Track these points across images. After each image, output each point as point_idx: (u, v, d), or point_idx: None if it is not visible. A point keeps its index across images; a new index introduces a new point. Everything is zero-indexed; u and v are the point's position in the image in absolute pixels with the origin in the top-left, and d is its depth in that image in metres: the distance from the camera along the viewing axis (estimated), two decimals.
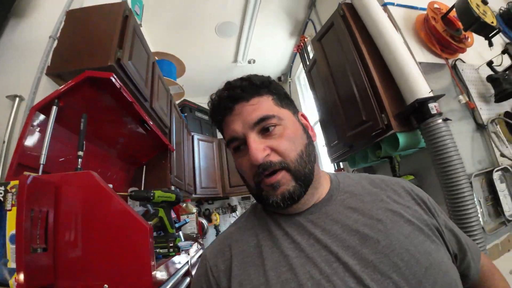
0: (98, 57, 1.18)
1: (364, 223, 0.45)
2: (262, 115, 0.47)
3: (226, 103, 0.50)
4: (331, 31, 1.52)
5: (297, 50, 2.79)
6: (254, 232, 0.51)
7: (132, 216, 0.84)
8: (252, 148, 0.45)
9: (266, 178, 0.46)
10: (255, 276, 0.43)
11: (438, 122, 1.06)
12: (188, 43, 2.56)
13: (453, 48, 1.36)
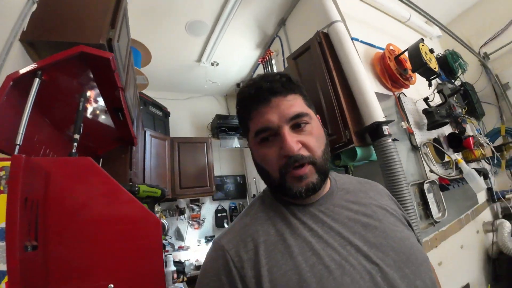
0: (88, 32, 1.11)
1: (363, 213, 0.56)
2: (298, 112, 0.53)
3: (265, 94, 0.53)
4: (307, 53, 1.75)
5: (261, 61, 2.99)
6: (271, 222, 0.54)
7: (143, 208, 0.80)
8: (288, 141, 0.50)
9: (294, 169, 0.51)
10: (283, 262, 0.47)
11: (388, 141, 1.37)
12: (154, 33, 2.46)
13: (400, 83, 1.76)
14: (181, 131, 3.43)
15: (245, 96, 0.56)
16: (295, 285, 0.44)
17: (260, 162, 0.57)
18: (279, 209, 0.56)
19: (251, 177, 3.73)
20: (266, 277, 0.45)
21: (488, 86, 2.89)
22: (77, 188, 0.80)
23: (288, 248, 0.49)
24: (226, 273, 0.48)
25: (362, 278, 0.44)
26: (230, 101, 4.20)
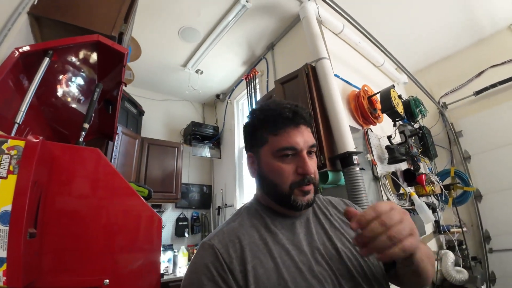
0: (101, 22, 1.17)
1: (330, 227, 0.69)
2: (314, 143, 0.68)
3: (298, 119, 0.66)
4: (294, 80, 1.97)
5: (246, 78, 3.18)
6: (255, 229, 0.64)
7: (146, 205, 0.85)
8: (308, 163, 0.64)
9: (305, 185, 0.64)
10: (265, 261, 0.57)
11: (356, 169, 1.60)
12: (146, 29, 2.50)
13: (369, 120, 2.05)
14: (152, 132, 3.40)
15: (281, 115, 0.66)
16: (274, 281, 0.54)
17: (269, 174, 0.66)
18: (262, 218, 0.67)
19: (217, 189, 3.78)
20: (251, 272, 0.55)
21: (443, 132, 3.40)
22: (83, 177, 0.81)
23: (269, 251, 0.59)
24: (217, 266, 0.55)
25: (326, 282, 0.56)
26: (207, 110, 4.29)
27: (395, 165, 2.19)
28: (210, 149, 3.83)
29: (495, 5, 2.69)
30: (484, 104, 3.11)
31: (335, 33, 2.42)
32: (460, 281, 2.00)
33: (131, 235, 0.85)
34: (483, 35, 3.13)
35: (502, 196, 2.81)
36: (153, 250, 0.86)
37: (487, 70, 3.10)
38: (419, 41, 3.15)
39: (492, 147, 2.97)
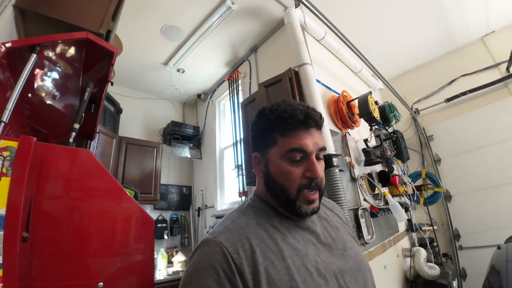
0: (89, 19, 1.18)
1: (331, 229, 0.74)
2: (324, 146, 0.68)
3: (309, 122, 0.66)
4: (278, 84, 2.07)
5: (228, 79, 3.24)
6: (263, 228, 0.64)
7: (139, 208, 0.87)
8: (317, 167, 0.64)
9: (309, 193, 0.65)
10: (277, 262, 0.57)
11: (336, 171, 1.72)
12: (128, 26, 2.49)
13: (348, 124, 2.19)
14: (131, 131, 3.37)
15: (293, 117, 0.65)
16: (286, 282, 0.55)
17: (277, 176, 0.67)
18: (269, 217, 0.67)
19: (197, 190, 3.81)
20: (263, 274, 0.55)
21: (415, 136, 3.70)
22: (75, 179, 0.81)
23: (280, 251, 0.60)
24: (225, 267, 0.54)
25: (332, 280, 0.60)
26: (188, 110, 4.30)
27: (370, 167, 2.36)
28: (190, 149, 3.85)
29: (469, 18, 2.97)
30: (455, 111, 3.42)
31: (317, 40, 2.56)
32: (432, 276, 2.18)
33: (126, 237, 0.86)
34: (456, 46, 3.45)
35: (470, 197, 3.11)
36: (147, 251, 0.88)
37: (459, 78, 3.42)
38: (395, 50, 3.40)
39: (461, 151, 3.27)
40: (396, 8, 2.70)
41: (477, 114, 3.20)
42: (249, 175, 2.25)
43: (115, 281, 0.82)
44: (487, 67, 3.20)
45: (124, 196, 0.91)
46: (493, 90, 3.12)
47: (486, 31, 3.23)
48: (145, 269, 0.90)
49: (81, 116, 0.99)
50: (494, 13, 2.91)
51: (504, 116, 2.99)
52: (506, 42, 2.86)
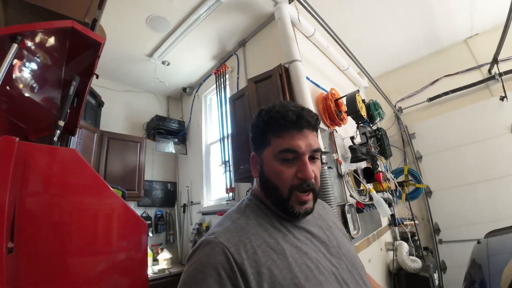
0: (74, 7, 1.13)
1: (325, 228, 0.76)
2: (318, 147, 0.69)
3: (301, 123, 0.67)
4: (268, 80, 2.06)
5: (215, 73, 3.20)
6: (263, 228, 0.65)
7: (131, 211, 0.83)
8: (309, 167, 0.65)
9: (301, 194, 0.66)
10: (280, 261, 0.59)
11: (325, 168, 1.75)
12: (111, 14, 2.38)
13: (335, 122, 2.23)
14: (113, 126, 3.27)
15: (285, 117, 0.67)
16: (289, 280, 0.56)
17: (270, 176, 0.68)
18: (268, 217, 0.69)
19: (182, 186, 3.77)
20: (267, 274, 0.55)
21: (398, 134, 3.84)
22: (61, 182, 0.77)
23: (282, 250, 0.61)
24: (226, 267, 0.54)
25: (331, 277, 0.62)
26: (172, 104, 4.22)
27: (356, 164, 2.42)
28: (175, 144, 3.79)
29: (454, 20, 3.09)
30: (436, 110, 3.57)
31: (306, 36, 2.57)
32: (414, 269, 2.28)
33: (113, 243, 0.84)
34: (440, 47, 3.58)
35: (449, 193, 3.28)
36: (136, 256, 0.86)
37: (441, 79, 3.56)
38: (381, 49, 3.49)
39: (441, 149, 3.42)
40: (383, 8, 2.75)
41: (458, 113, 3.35)
42: (237, 172, 2.23)
43: (102, 281, 0.81)
44: (469, 68, 3.35)
45: (112, 197, 0.88)
46: (475, 91, 3.28)
47: (470, 34, 3.37)
48: (138, 267, 0.87)
49: (66, 112, 0.95)
50: (479, 16, 3.05)
51: (484, 116, 3.16)
52: (489, 44, 3.00)
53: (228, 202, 2.79)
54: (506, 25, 2.34)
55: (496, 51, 2.82)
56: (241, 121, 2.28)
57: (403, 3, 2.70)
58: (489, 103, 3.15)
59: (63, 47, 1.14)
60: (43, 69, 1.24)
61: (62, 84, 1.32)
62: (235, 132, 2.36)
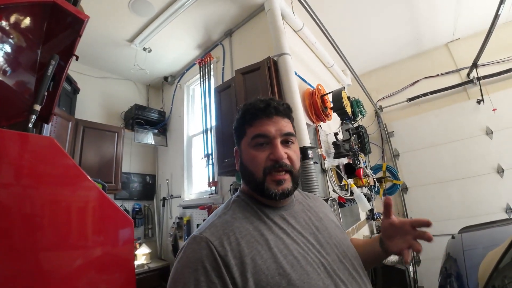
0: None
1: (315, 218, 0.77)
2: (290, 131, 0.73)
3: (271, 110, 0.72)
4: (256, 72, 2.05)
5: (199, 63, 3.13)
6: (248, 221, 0.67)
7: (114, 206, 0.79)
8: (279, 149, 0.69)
9: (276, 173, 0.68)
10: (264, 252, 0.60)
11: (311, 163, 1.78)
12: None
13: (321, 117, 2.27)
14: (88, 114, 3.11)
15: (254, 107, 0.73)
16: (274, 270, 0.58)
17: (246, 163, 0.72)
18: (254, 210, 0.71)
19: (162, 179, 3.69)
20: (250, 264, 0.57)
21: (377, 131, 3.99)
22: (35, 172, 0.72)
23: (266, 241, 0.62)
24: (211, 261, 0.56)
25: (319, 268, 0.63)
26: (152, 93, 4.09)
27: (338, 159, 2.49)
28: (155, 135, 3.69)
29: (437, 23, 3.22)
30: (415, 110, 3.74)
31: (294, 30, 2.58)
32: (391, 262, 2.39)
33: (95, 242, 0.82)
34: (422, 49, 3.75)
35: (424, 189, 3.47)
36: (123, 257, 0.84)
37: (421, 80, 3.74)
38: (365, 48, 3.58)
39: (418, 148, 3.60)
40: (370, 8, 2.82)
41: (435, 114, 3.54)
42: (222, 165, 2.22)
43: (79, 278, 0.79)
44: (449, 71, 3.54)
45: (93, 190, 0.84)
46: (453, 93, 3.48)
47: (452, 38, 3.55)
48: (123, 263, 0.84)
49: (43, 95, 0.89)
50: (463, 21, 3.20)
51: (460, 117, 3.36)
52: (470, 50, 3.18)
53: (211, 196, 2.76)
54: (489, 32, 2.48)
55: (476, 56, 2.99)
56: (227, 113, 2.26)
57: (389, 4, 2.78)
58: (466, 106, 3.35)
59: (41, 24, 1.07)
60: (17, 49, 1.15)
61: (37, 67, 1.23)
62: (220, 124, 2.33)
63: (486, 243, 1.80)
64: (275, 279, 0.56)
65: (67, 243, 0.80)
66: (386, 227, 0.73)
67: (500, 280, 1.26)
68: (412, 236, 0.69)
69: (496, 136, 3.16)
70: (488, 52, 2.94)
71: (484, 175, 3.15)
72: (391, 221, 0.72)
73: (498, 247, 1.40)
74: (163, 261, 3.20)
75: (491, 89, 3.22)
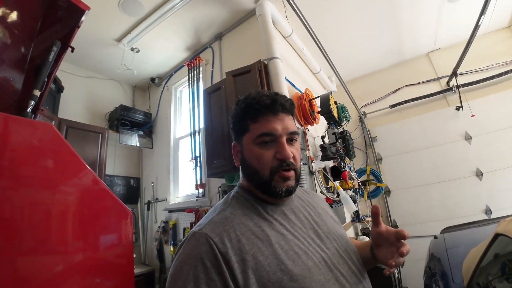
0: None
1: (314, 214, 0.78)
2: (295, 130, 0.73)
3: (276, 106, 0.70)
4: (246, 74, 2.11)
5: (188, 65, 3.17)
6: (249, 217, 0.67)
7: (113, 197, 0.79)
8: (286, 148, 0.68)
9: (284, 171, 0.68)
10: (265, 248, 0.60)
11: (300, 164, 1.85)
12: None
13: (309, 121, 2.36)
14: (72, 114, 3.05)
15: (259, 102, 0.71)
16: (275, 266, 0.58)
17: (250, 160, 0.71)
18: (254, 206, 0.70)
19: (147, 182, 3.65)
20: (251, 261, 0.57)
21: (361, 136, 4.16)
22: (36, 160, 0.72)
23: (267, 237, 0.62)
24: (211, 257, 0.56)
25: (320, 262, 0.63)
26: (139, 94, 4.07)
27: (325, 162, 2.58)
28: (140, 137, 3.66)
29: (419, 34, 3.43)
30: (397, 116, 3.94)
31: (284, 36, 2.68)
32: None
33: (93, 234, 0.80)
34: (404, 58, 3.97)
35: (406, 192, 3.64)
36: (121, 249, 0.84)
37: (403, 88, 3.96)
38: (350, 57, 3.76)
39: (400, 152, 3.79)
40: (354, 18, 2.97)
41: (416, 120, 3.75)
42: (210, 166, 2.24)
43: None
44: (429, 79, 3.77)
45: (93, 181, 0.85)
46: (433, 101, 3.70)
47: (433, 48, 3.79)
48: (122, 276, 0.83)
49: (43, 81, 0.89)
50: (443, 32, 3.41)
51: (440, 123, 3.57)
52: (449, 59, 3.40)
53: (198, 199, 2.77)
54: (469, 41, 2.67)
55: (456, 65, 3.20)
56: (217, 115, 2.29)
57: (373, 14, 2.94)
58: (446, 112, 3.57)
59: (37, 15, 1.07)
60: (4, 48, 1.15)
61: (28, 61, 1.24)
62: (209, 125, 2.36)
63: (468, 241, 1.89)
64: (276, 275, 0.57)
65: None
66: (374, 235, 0.73)
67: (484, 277, 1.34)
68: (396, 248, 0.67)
69: (475, 141, 3.38)
70: (467, 62, 3.15)
71: (464, 178, 3.34)
72: (379, 230, 0.71)
73: (480, 244, 1.48)
74: (148, 266, 3.15)
75: (470, 97, 3.45)
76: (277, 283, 0.56)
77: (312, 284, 0.58)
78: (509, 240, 1.25)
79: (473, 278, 1.40)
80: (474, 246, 1.56)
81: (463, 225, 2.40)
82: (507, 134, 3.24)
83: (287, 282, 0.56)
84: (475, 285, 1.37)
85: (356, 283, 0.66)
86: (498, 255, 1.35)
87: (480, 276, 1.37)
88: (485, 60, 3.49)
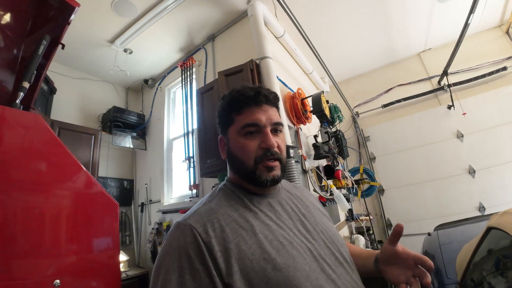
0: None
1: (302, 206, 0.79)
2: (279, 121, 0.74)
3: (261, 99, 0.72)
4: (239, 74, 2.14)
5: (181, 66, 3.20)
6: (234, 208, 0.68)
7: (100, 190, 0.80)
8: (270, 137, 0.70)
9: (267, 160, 0.69)
10: (248, 237, 0.61)
11: (293, 162, 1.89)
12: None
13: (301, 120, 2.39)
14: (65, 115, 3.05)
15: (243, 94, 0.72)
16: (259, 255, 0.58)
17: (236, 151, 0.73)
18: (240, 198, 0.72)
19: (140, 183, 3.65)
20: (234, 250, 0.58)
21: (354, 136, 4.22)
22: (23, 151, 0.75)
23: (251, 227, 0.63)
24: (195, 247, 0.57)
25: (305, 252, 0.64)
26: (132, 95, 4.07)
27: (318, 161, 2.62)
28: (134, 139, 3.66)
29: (410, 34, 3.51)
30: (390, 116, 4.01)
31: (276, 37, 2.72)
32: None
33: (83, 224, 0.81)
34: (396, 59, 4.05)
35: (400, 191, 3.69)
36: (107, 239, 0.84)
37: (395, 88, 4.03)
38: (342, 58, 3.83)
39: (393, 151, 3.84)
40: (346, 19, 3.03)
41: (409, 119, 3.81)
42: (204, 166, 2.26)
43: (73, 276, 0.79)
44: (421, 79, 3.85)
45: (80, 173, 0.86)
46: (425, 100, 3.77)
47: (424, 48, 3.87)
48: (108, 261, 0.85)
49: (32, 73, 0.90)
50: (433, 32, 3.49)
51: (432, 122, 3.64)
52: (440, 59, 3.47)
53: (192, 199, 2.79)
54: (459, 41, 2.74)
55: (447, 64, 3.27)
56: (210, 114, 2.32)
57: (366, 15, 3.00)
58: (437, 111, 3.65)
59: (28, 9, 1.09)
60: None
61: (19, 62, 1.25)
62: (202, 125, 2.38)
63: (461, 238, 1.91)
64: (260, 264, 0.57)
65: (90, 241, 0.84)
66: (388, 253, 0.71)
67: (478, 273, 1.36)
68: (413, 273, 0.66)
69: (467, 139, 3.45)
70: (457, 61, 3.23)
71: (457, 176, 3.41)
72: (395, 249, 0.70)
73: (473, 240, 1.50)
74: (142, 268, 3.15)
75: (461, 95, 3.53)
76: (260, 272, 0.56)
77: (296, 274, 0.58)
78: (501, 233, 1.25)
79: (467, 273, 1.41)
80: (467, 242, 1.57)
81: (457, 222, 2.44)
82: (498, 131, 3.31)
83: (271, 270, 0.57)
84: (469, 281, 1.39)
85: (343, 273, 0.66)
86: (491, 250, 1.36)
87: (474, 271, 1.38)
88: (476, 59, 3.58)
